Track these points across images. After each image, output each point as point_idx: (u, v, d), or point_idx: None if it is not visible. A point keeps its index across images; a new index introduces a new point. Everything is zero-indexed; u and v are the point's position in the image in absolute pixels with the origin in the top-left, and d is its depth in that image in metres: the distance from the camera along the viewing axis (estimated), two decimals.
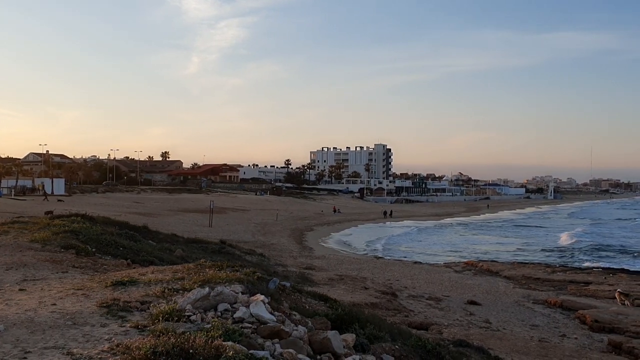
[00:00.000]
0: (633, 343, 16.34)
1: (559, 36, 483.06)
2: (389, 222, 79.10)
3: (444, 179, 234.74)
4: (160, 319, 5.50)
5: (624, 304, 23.35)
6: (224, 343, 4.59)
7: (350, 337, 6.11)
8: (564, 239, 57.17)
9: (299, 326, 5.87)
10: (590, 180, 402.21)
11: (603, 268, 36.82)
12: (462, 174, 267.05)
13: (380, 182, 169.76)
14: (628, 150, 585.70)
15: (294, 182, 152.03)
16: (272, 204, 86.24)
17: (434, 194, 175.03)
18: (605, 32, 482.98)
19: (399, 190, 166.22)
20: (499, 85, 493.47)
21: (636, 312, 21.82)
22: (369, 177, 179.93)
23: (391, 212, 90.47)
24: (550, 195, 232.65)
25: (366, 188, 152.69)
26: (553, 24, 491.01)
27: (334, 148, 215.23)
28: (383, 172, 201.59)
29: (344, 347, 5.68)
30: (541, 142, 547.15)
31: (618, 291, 24.81)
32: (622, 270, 35.41)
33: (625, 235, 66.17)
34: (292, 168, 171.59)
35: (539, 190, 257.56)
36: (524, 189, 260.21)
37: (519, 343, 14.95)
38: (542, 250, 49.46)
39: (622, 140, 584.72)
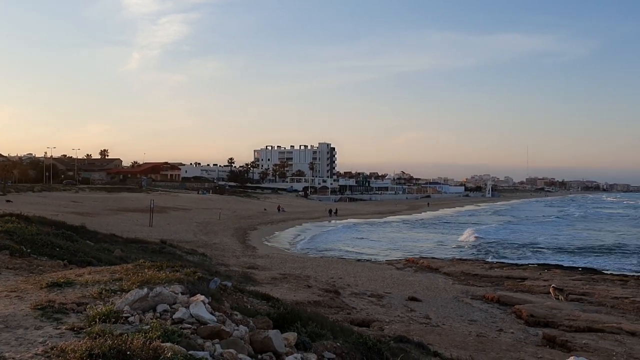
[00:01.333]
0: (566, 336, 16.97)
1: (499, 38, 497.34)
2: (334, 221, 79.53)
3: (386, 177, 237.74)
4: (97, 320, 5.38)
5: (558, 299, 24.22)
6: (162, 344, 4.53)
7: (291, 336, 6.13)
8: (465, 237, 58.76)
9: (240, 326, 5.84)
10: (526, 179, 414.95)
11: (538, 264, 38.14)
12: (404, 172, 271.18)
13: (324, 181, 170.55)
14: (563, 150, 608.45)
15: (237, 180, 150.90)
16: (214, 203, 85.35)
17: (377, 192, 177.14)
18: (543, 35, 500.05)
19: (343, 189, 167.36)
20: (441, 85, 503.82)
21: (569, 307, 22.68)
22: (313, 176, 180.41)
23: (336, 210, 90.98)
24: (489, 193, 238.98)
25: (310, 187, 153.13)
26: (494, 26, 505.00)
27: (278, 147, 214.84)
28: (327, 171, 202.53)
29: (285, 345, 5.69)
30: (480, 141, 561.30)
31: (552, 286, 25.70)
32: (557, 266, 36.77)
33: (531, 231, 68.51)
34: (235, 167, 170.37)
35: (478, 189, 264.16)
36: (463, 188, 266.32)
37: (457, 338, 15.31)
38: (442, 246, 51.36)
39: (557, 140, 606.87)
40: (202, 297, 5.96)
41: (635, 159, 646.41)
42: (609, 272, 34.50)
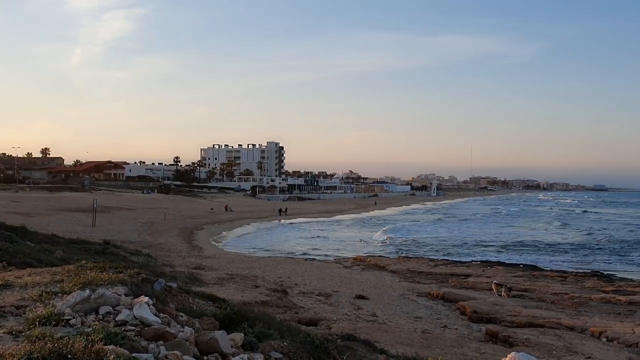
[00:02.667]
0: (508, 332, 17.43)
1: (445, 40, 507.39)
2: (283, 220, 79.43)
3: (335, 176, 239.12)
4: (37, 323, 5.23)
5: (500, 295, 24.87)
6: (105, 347, 4.44)
7: (238, 337, 6.10)
8: (378, 235, 59.94)
9: (186, 327, 5.79)
10: (470, 178, 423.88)
11: (481, 261, 39.08)
12: (352, 172, 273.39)
13: (272, 180, 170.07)
14: (505, 150, 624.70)
15: (183, 180, 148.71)
16: (160, 203, 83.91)
17: (326, 191, 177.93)
18: (487, 37, 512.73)
19: (291, 188, 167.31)
20: (388, 85, 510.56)
21: (511, 303, 23.32)
22: (261, 175, 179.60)
23: (286, 209, 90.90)
24: (434, 192, 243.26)
25: (258, 186, 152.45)
26: (441, 28, 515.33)
27: (225, 145, 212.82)
28: (276, 170, 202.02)
29: (231, 346, 5.66)
30: (426, 141, 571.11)
31: (495, 282, 26.38)
32: (499, 263, 37.75)
33: (449, 229, 70.47)
34: (181, 165, 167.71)
35: (424, 188, 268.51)
36: (409, 187, 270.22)
37: (403, 335, 15.54)
38: (362, 242, 52.57)
39: (499, 140, 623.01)
40: (146, 299, 5.87)
41: (574, 158, 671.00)
42: (548, 269, 35.62)
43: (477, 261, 38.88)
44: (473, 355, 13.62)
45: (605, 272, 34.64)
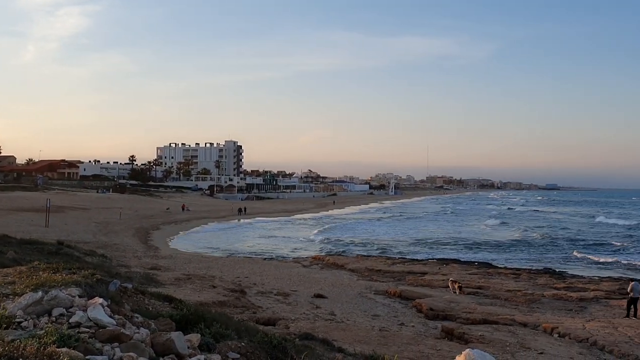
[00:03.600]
0: (463, 329, 17.76)
1: (402, 40, 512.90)
2: (242, 220, 78.93)
3: (294, 176, 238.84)
4: None
5: (455, 292, 25.29)
6: (58, 349, 4.36)
7: (195, 337, 6.06)
8: (313, 233, 60.64)
9: (141, 328, 5.72)
10: (427, 177, 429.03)
11: (437, 259, 39.67)
12: (311, 171, 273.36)
13: (230, 179, 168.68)
14: (461, 150, 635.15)
15: (139, 179, 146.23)
16: (115, 202, 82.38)
17: (285, 190, 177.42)
18: (443, 38, 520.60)
19: (250, 187, 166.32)
20: (346, 85, 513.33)
21: (466, 300, 23.76)
22: (219, 174, 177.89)
23: (245, 209, 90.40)
24: (391, 191, 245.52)
25: (216, 185, 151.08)
26: (397, 29, 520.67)
27: (182, 144, 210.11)
28: (234, 169, 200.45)
29: (188, 347, 5.62)
30: (384, 140, 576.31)
31: (450, 280, 26.82)
32: (455, 261, 38.39)
33: (378, 228, 70.62)
34: (137, 164, 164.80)
35: (382, 187, 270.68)
36: (368, 186, 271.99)
37: (361, 333, 15.67)
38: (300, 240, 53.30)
39: (455, 140, 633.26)
40: (101, 300, 5.78)
41: (527, 159, 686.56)
42: (502, 266, 36.39)
43: (433, 259, 39.47)
44: (429, 352, 13.82)
45: (557, 270, 35.57)
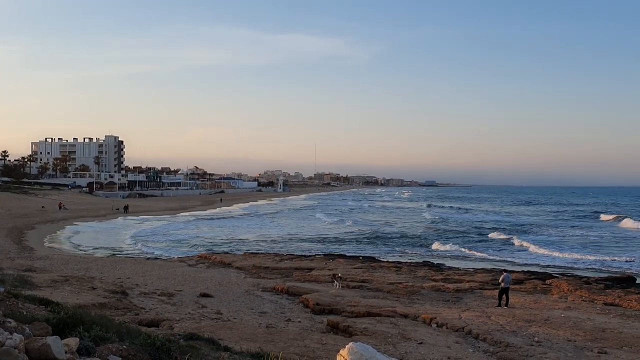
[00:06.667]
0: (348, 322, 18.23)
1: (292, 38, 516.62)
2: (123, 218, 76.18)
3: (179, 172, 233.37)
4: None
5: (340, 287, 25.88)
6: None
7: (73, 341, 5.83)
8: (203, 231, 61.16)
9: (15, 334, 5.42)
10: (314, 174, 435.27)
11: (324, 254, 40.44)
12: (197, 167, 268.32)
13: (111, 176, 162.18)
14: (347, 148, 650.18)
15: (12, 175, 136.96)
16: None
17: (170, 188, 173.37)
18: (332, 38, 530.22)
19: (132, 184, 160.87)
20: (234, 81, 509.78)
21: (351, 294, 24.39)
22: (99, 171, 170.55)
23: (127, 207, 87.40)
24: (280, 188, 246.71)
25: (96, 182, 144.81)
26: (288, 26, 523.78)
27: (59, 139, 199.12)
28: (115, 166, 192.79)
29: (66, 352, 5.40)
30: (273, 137, 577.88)
31: (335, 275, 27.39)
32: (341, 256, 39.28)
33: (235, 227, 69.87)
34: (10, 160, 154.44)
35: (270, 184, 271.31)
36: (256, 183, 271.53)
37: (247, 331, 15.66)
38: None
39: (342, 138, 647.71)
40: None
41: (409, 157, 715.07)
42: (385, 260, 37.69)
43: (320, 254, 40.18)
44: (315, 347, 14.07)
45: (436, 262, 37.36)
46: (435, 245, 47.95)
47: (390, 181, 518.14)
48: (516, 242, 50.98)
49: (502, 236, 56.61)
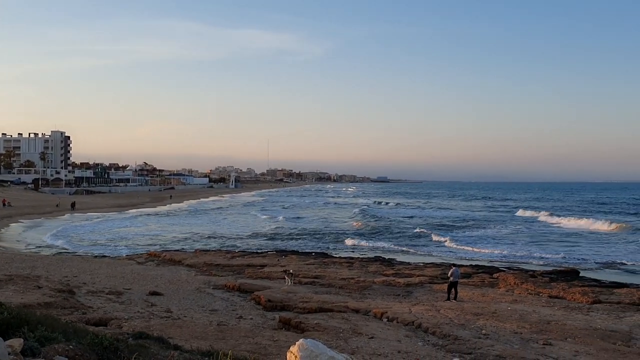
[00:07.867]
0: (300, 318, 18.27)
1: (243, 33, 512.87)
2: (70, 215, 74.37)
3: (128, 168, 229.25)
4: None
5: (292, 283, 25.92)
6: None
7: (17, 342, 5.69)
8: (154, 229, 60.66)
9: None
10: (267, 170, 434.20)
11: (276, 250, 40.39)
12: (147, 163, 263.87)
13: (58, 172, 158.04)
14: (299, 144, 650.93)
15: None
16: None
17: (118, 184, 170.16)
18: (283, 34, 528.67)
19: (79, 180, 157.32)
20: (185, 76, 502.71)
21: (304, 290, 24.45)
22: (45, 167, 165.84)
23: (74, 204, 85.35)
24: (232, 184, 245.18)
25: (42, 178, 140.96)
26: (239, 21, 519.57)
27: (3, 134, 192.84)
28: (61, 162, 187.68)
29: (9, 353, 5.28)
30: (224, 133, 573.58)
31: (287, 271, 27.41)
32: (293, 252, 39.30)
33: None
34: None
35: (222, 180, 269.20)
36: (207, 179, 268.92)
37: (198, 329, 15.53)
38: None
39: (295, 134, 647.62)
40: None
41: (361, 153, 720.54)
42: (337, 256, 37.92)
43: (272, 251, 40.11)
44: (266, 344, 14.07)
45: (387, 257, 37.78)
46: (348, 241, 49.09)
47: (342, 177, 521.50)
48: (434, 237, 52.23)
49: (423, 230, 58.21)
